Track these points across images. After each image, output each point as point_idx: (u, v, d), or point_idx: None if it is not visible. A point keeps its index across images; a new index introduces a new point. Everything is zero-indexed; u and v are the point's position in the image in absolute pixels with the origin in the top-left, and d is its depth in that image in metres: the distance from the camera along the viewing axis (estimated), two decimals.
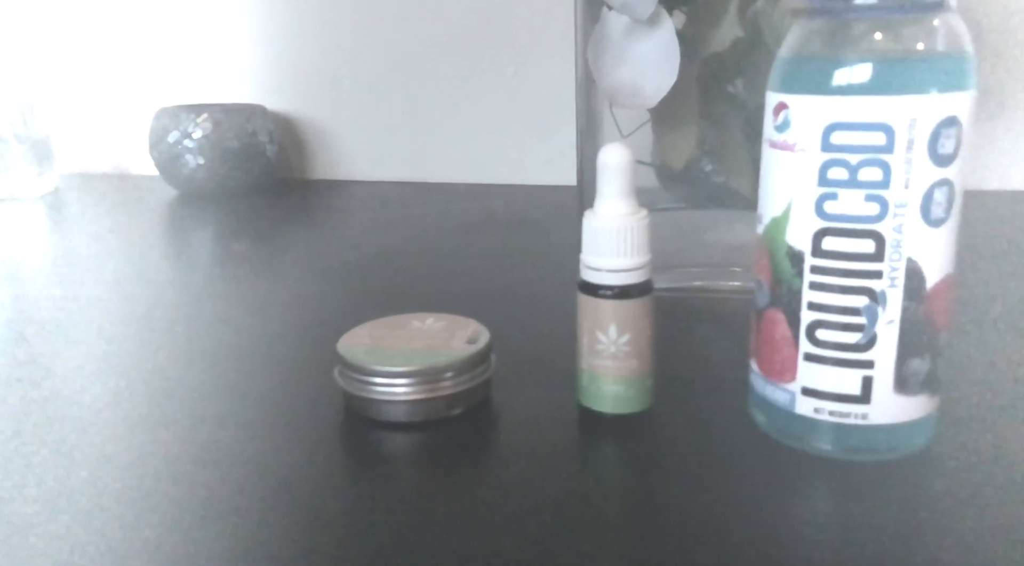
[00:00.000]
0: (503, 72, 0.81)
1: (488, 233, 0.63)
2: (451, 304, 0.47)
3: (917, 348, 0.27)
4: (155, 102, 0.92)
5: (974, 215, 0.63)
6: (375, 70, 0.84)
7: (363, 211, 0.72)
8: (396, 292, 0.49)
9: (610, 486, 0.28)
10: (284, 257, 0.58)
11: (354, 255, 0.58)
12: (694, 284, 0.50)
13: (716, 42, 0.47)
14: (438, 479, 0.28)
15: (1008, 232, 0.58)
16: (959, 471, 0.28)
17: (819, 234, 0.27)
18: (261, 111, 0.81)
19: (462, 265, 0.54)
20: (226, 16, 0.87)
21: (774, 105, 0.28)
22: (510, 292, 0.49)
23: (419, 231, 0.64)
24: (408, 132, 0.85)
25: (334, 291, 0.50)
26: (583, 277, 0.31)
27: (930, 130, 0.25)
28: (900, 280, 0.26)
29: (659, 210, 0.53)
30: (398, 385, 0.31)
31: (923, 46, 0.26)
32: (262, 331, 0.43)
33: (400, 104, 0.85)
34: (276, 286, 0.51)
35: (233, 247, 0.43)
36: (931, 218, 0.26)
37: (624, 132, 0.50)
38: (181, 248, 0.61)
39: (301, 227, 0.67)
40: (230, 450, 0.31)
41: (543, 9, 0.78)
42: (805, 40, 0.27)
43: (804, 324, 0.28)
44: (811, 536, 0.25)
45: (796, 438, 0.29)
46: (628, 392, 0.31)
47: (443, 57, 0.82)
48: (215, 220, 0.70)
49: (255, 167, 0.80)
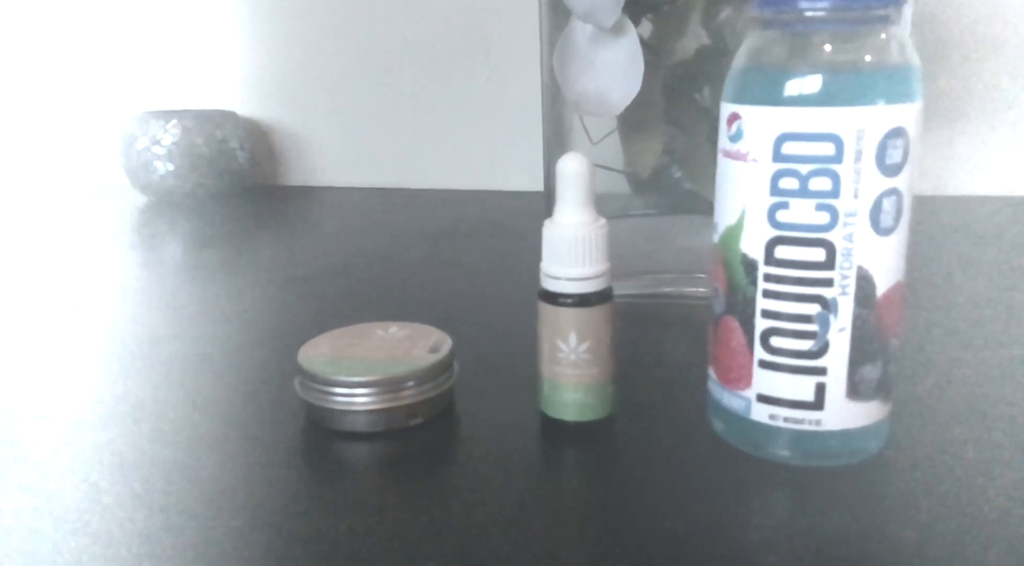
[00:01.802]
0: (476, 78, 0.81)
1: (459, 240, 0.63)
2: (417, 312, 0.47)
3: (869, 354, 0.27)
4: (125, 108, 0.91)
5: (934, 220, 0.64)
6: (348, 76, 0.84)
7: (334, 218, 0.72)
8: (362, 300, 0.49)
9: (570, 495, 0.28)
10: (252, 265, 0.57)
11: (322, 262, 0.58)
12: (663, 290, 0.50)
13: (680, 51, 0.48)
14: (398, 489, 0.28)
15: (966, 237, 0.59)
16: (912, 475, 0.28)
17: (772, 243, 0.27)
18: (232, 117, 0.81)
19: (431, 272, 0.54)
20: (197, 22, 0.87)
21: (727, 115, 0.28)
22: (478, 300, 0.49)
23: (390, 238, 0.64)
24: (381, 138, 0.85)
25: (300, 299, 0.49)
26: (543, 286, 0.32)
27: (878, 141, 0.26)
28: (851, 288, 0.27)
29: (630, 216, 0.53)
30: (358, 395, 0.31)
31: (871, 58, 0.26)
32: (224, 340, 0.43)
33: (373, 110, 0.85)
34: (241, 294, 0.51)
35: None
36: (880, 227, 0.26)
37: (593, 139, 0.50)
38: (148, 255, 0.61)
39: (271, 234, 0.66)
40: (187, 461, 0.30)
41: (516, 15, 0.79)
42: (757, 51, 0.27)
43: (758, 331, 0.28)
44: (767, 542, 0.25)
45: (753, 445, 0.29)
46: (589, 400, 0.31)
47: (416, 63, 0.82)
48: (184, 227, 0.69)
49: (226, 173, 0.79)
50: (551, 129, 0.50)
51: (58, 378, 0.38)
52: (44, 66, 0.92)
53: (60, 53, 0.91)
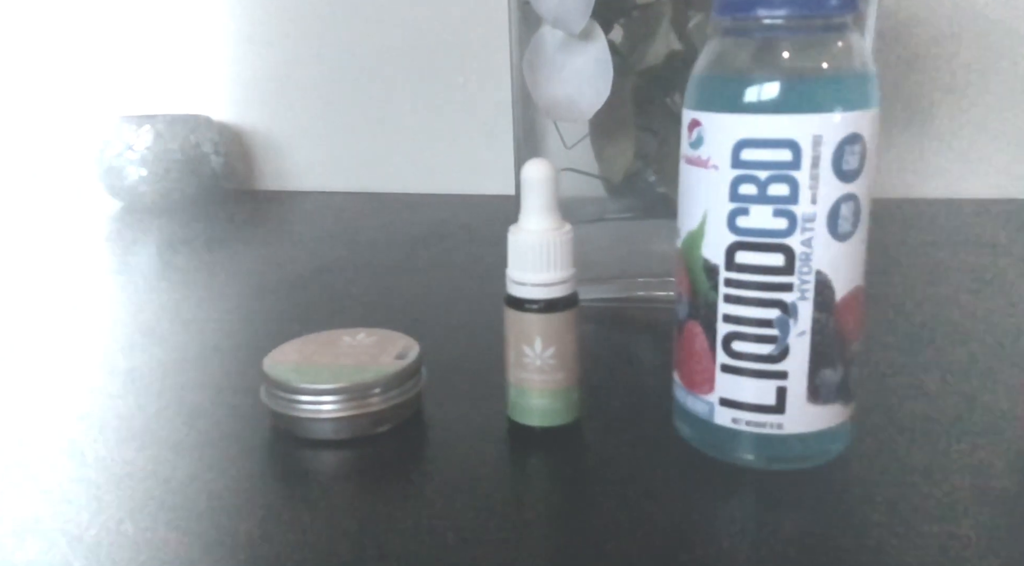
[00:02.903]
0: (452, 82, 0.81)
1: (434, 244, 0.63)
2: (388, 318, 0.46)
3: (829, 358, 0.28)
4: (97, 113, 0.91)
5: (901, 222, 0.65)
6: (323, 80, 0.84)
7: (309, 222, 0.72)
8: (334, 306, 0.49)
9: (536, 500, 0.28)
10: (224, 271, 0.57)
11: (295, 268, 0.57)
12: (637, 294, 0.50)
13: (651, 56, 0.48)
14: (364, 497, 0.28)
15: (929, 240, 0.60)
16: (874, 477, 0.29)
17: (732, 248, 0.27)
18: (206, 121, 0.80)
19: (404, 278, 0.54)
20: (171, 26, 0.86)
21: (688, 122, 0.28)
22: (451, 305, 0.49)
23: (364, 243, 0.64)
24: (357, 142, 0.85)
25: (270, 306, 0.49)
26: (509, 291, 0.32)
27: (834, 147, 0.26)
28: (810, 292, 0.27)
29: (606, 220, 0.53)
30: (323, 402, 0.31)
31: (828, 66, 0.26)
32: (194, 347, 0.42)
33: (349, 114, 0.84)
34: (211, 301, 0.50)
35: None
36: (838, 232, 0.27)
37: (567, 144, 0.51)
38: (119, 262, 0.60)
39: (244, 240, 0.66)
40: (152, 470, 0.30)
41: (492, 20, 0.79)
42: (716, 59, 0.28)
43: (720, 336, 0.28)
44: (733, 545, 0.25)
45: (717, 448, 0.30)
46: (555, 405, 0.31)
47: (392, 67, 0.82)
48: (156, 233, 0.69)
49: (200, 178, 0.79)
50: (522, 134, 0.50)
51: (23, 384, 0.38)
52: (15, 71, 0.91)
53: (31, 58, 0.90)
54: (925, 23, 0.71)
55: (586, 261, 0.51)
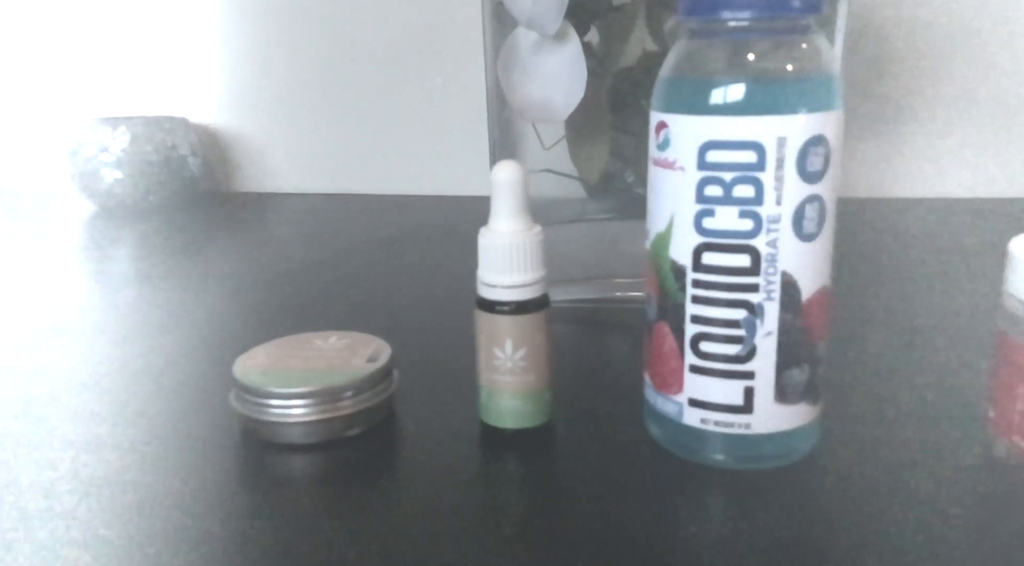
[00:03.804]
0: (430, 83, 0.81)
1: (411, 246, 0.63)
2: (363, 320, 0.46)
3: (795, 358, 0.28)
4: (72, 115, 0.90)
5: (872, 222, 0.65)
6: (301, 81, 0.84)
7: (287, 224, 0.71)
8: (307, 309, 0.49)
9: (508, 503, 0.28)
10: (199, 273, 0.57)
11: (271, 270, 0.57)
12: (615, 295, 0.50)
13: (626, 57, 0.48)
14: (334, 501, 0.28)
15: (900, 239, 0.60)
16: (842, 476, 0.29)
17: (699, 249, 0.27)
18: (183, 124, 0.79)
19: (380, 280, 0.54)
20: (147, 27, 0.85)
21: (655, 124, 0.28)
22: (426, 307, 0.49)
23: (341, 245, 0.64)
24: (335, 144, 0.85)
25: (244, 309, 0.49)
26: (479, 293, 0.32)
27: (798, 148, 0.26)
28: (776, 293, 0.27)
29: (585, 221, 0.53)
30: (292, 406, 0.31)
31: (792, 68, 0.26)
32: (166, 351, 0.42)
33: (327, 115, 0.84)
34: (186, 304, 0.50)
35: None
36: (804, 233, 0.27)
37: (545, 145, 0.51)
38: (93, 266, 0.59)
39: (221, 242, 0.66)
40: (120, 476, 0.30)
41: (470, 20, 0.79)
42: (682, 61, 0.28)
43: (688, 336, 0.28)
44: (704, 546, 0.25)
45: (687, 449, 0.30)
46: (526, 407, 0.31)
47: (370, 67, 0.82)
48: (132, 236, 0.68)
49: (177, 181, 0.78)
50: (498, 135, 0.50)
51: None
52: None
53: (6, 58, 0.89)
54: (897, 23, 0.72)
55: (565, 262, 0.51)
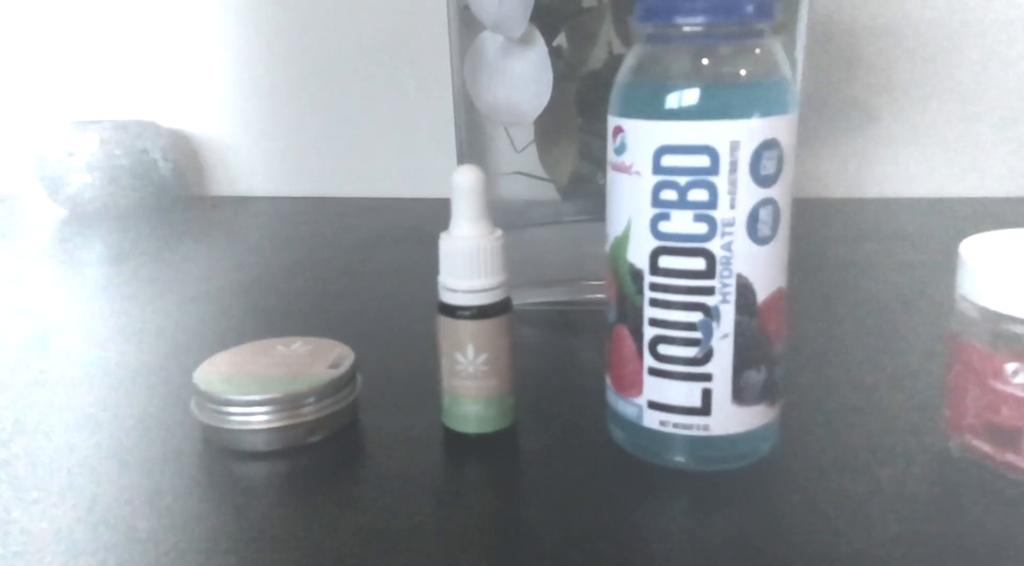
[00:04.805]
0: (402, 86, 0.81)
1: (383, 249, 0.63)
2: (329, 326, 0.46)
3: (752, 360, 0.28)
4: (40, 119, 0.88)
5: (846, 222, 0.66)
6: (273, 84, 0.83)
7: (257, 228, 0.71)
8: (274, 314, 0.48)
9: (472, 508, 0.28)
10: (166, 279, 0.56)
11: (239, 275, 0.57)
12: (590, 297, 0.51)
13: (593, 60, 0.48)
14: (297, 508, 0.28)
15: (866, 238, 0.61)
16: (802, 475, 0.29)
17: (655, 253, 0.27)
18: (153, 127, 0.79)
19: (349, 284, 0.54)
20: (116, 30, 0.85)
21: (612, 128, 0.28)
22: (393, 311, 0.48)
23: (312, 249, 0.63)
24: (308, 147, 0.84)
25: (212, 314, 0.48)
26: (441, 298, 0.32)
27: (751, 152, 0.26)
28: (732, 296, 0.27)
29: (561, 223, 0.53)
30: (253, 414, 0.31)
31: (745, 72, 0.27)
32: (129, 358, 0.42)
33: (299, 118, 0.84)
34: (153, 310, 0.49)
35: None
36: (758, 236, 0.27)
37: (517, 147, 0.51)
38: (61, 271, 0.59)
39: (190, 246, 0.65)
40: (80, 485, 0.30)
41: (443, 24, 0.79)
42: (638, 65, 0.28)
43: (647, 339, 0.28)
44: (667, 548, 0.25)
45: (648, 451, 0.30)
46: (489, 411, 0.31)
47: (342, 71, 0.81)
48: (101, 241, 0.67)
49: (147, 185, 0.77)
50: (465, 138, 0.50)
51: None
52: None
53: None
54: (865, 27, 0.73)
55: (539, 264, 0.51)
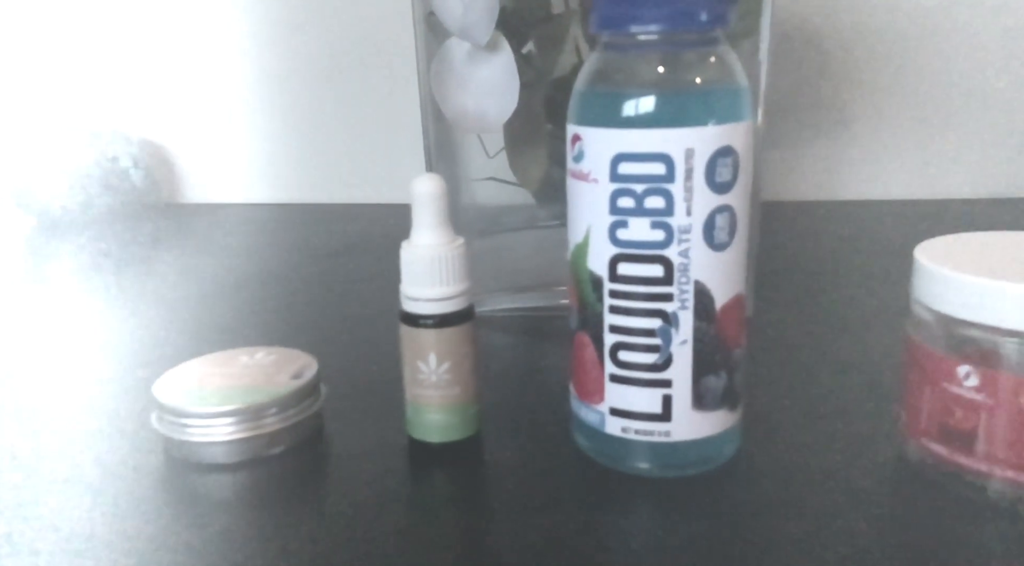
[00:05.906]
0: (374, 92, 0.81)
1: (350, 257, 0.62)
2: (295, 335, 0.46)
3: (712, 365, 0.28)
4: (8, 128, 0.87)
5: (814, 224, 0.67)
6: (247, 91, 0.83)
7: (229, 236, 0.70)
8: (240, 323, 0.48)
9: (435, 517, 0.28)
10: (134, 288, 0.55)
11: (206, 284, 0.56)
12: (559, 303, 0.51)
13: (560, 66, 0.48)
14: (260, 519, 0.28)
15: (839, 241, 0.62)
16: (764, 480, 0.29)
17: (614, 260, 0.28)
18: (123, 135, 0.78)
19: (316, 292, 0.54)
20: (87, 37, 0.84)
21: (571, 137, 0.28)
22: (360, 320, 0.48)
23: (281, 256, 0.63)
24: (282, 153, 0.84)
25: (177, 324, 0.48)
26: (403, 307, 0.31)
27: (707, 160, 0.26)
28: (690, 302, 0.27)
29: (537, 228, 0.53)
30: (213, 426, 0.30)
31: (700, 80, 0.27)
32: (89, 370, 0.41)
33: (274, 125, 0.83)
34: (117, 320, 0.49)
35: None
36: (715, 242, 0.27)
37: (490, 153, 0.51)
38: (25, 280, 0.58)
39: (158, 255, 0.64)
40: (40, 499, 0.29)
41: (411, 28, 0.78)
42: (595, 74, 0.28)
43: (607, 346, 0.28)
44: (632, 555, 0.25)
45: (611, 458, 0.30)
46: (452, 420, 0.31)
47: (314, 77, 0.81)
48: (69, 251, 0.67)
49: (118, 193, 0.77)
50: (434, 144, 0.50)
51: None
52: None
53: None
54: (831, 29, 0.73)
55: (513, 270, 0.51)
